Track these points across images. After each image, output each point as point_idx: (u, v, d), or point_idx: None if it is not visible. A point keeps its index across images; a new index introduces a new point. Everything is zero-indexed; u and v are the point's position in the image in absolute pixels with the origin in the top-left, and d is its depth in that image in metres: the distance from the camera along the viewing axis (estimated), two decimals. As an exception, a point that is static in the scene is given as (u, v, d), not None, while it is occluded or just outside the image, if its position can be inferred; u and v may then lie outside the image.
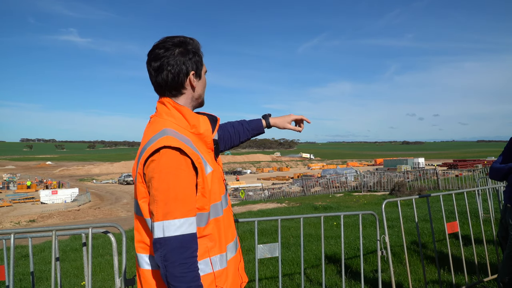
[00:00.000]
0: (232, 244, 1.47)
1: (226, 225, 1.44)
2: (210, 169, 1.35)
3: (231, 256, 1.46)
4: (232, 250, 1.47)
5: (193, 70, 1.41)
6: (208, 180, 1.33)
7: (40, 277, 6.10)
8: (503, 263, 3.07)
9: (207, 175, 1.33)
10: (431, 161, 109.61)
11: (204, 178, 1.31)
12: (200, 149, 1.37)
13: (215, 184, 1.37)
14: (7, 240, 2.62)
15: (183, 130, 1.38)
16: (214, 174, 1.37)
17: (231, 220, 1.50)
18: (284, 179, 67.46)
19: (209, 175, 1.34)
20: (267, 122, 1.88)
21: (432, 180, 17.85)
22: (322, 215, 3.50)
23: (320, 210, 12.30)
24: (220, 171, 1.49)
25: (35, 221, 26.83)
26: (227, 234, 1.44)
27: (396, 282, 3.98)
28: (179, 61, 1.37)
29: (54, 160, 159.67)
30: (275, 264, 5.21)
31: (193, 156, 1.28)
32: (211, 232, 1.36)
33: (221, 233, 1.39)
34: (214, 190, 1.36)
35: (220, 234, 1.39)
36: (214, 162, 1.45)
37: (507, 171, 3.03)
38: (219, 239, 1.38)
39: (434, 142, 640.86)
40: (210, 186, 1.34)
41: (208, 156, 1.41)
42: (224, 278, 1.38)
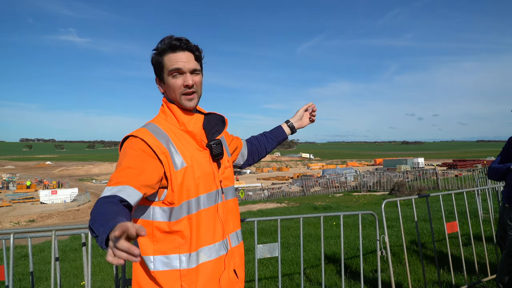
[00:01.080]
0: (211, 248, 1.41)
1: (205, 226, 1.40)
2: (182, 165, 1.37)
3: (207, 259, 1.40)
4: (210, 254, 1.40)
5: (157, 77, 1.50)
6: (177, 176, 1.35)
7: (40, 277, 6.10)
8: (502, 263, 3.07)
9: (178, 171, 1.35)
10: (430, 161, 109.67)
11: (172, 172, 1.35)
12: (182, 146, 1.41)
13: (189, 181, 1.37)
14: (6, 240, 2.62)
15: (171, 127, 1.45)
16: (188, 171, 1.37)
17: (220, 221, 1.46)
18: (283, 179, 67.46)
19: (181, 170, 1.36)
20: (291, 126, 1.99)
21: (431, 180, 17.86)
22: (321, 215, 3.50)
23: (319, 210, 12.30)
24: (206, 170, 1.44)
25: (34, 221, 26.83)
26: (205, 235, 1.40)
27: (396, 282, 3.98)
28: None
29: (53, 160, 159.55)
30: (274, 264, 5.21)
31: (157, 149, 1.34)
32: (182, 229, 1.36)
33: (193, 232, 1.37)
34: (187, 187, 1.37)
35: (191, 233, 1.37)
36: (204, 159, 1.46)
37: (505, 171, 3.04)
38: (191, 238, 1.37)
39: (434, 142, 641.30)
40: (180, 182, 1.35)
41: (197, 154, 1.44)
42: (192, 280, 1.36)
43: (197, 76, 1.46)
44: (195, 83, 1.44)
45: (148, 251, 1.37)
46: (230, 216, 1.53)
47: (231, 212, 1.53)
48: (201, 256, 1.39)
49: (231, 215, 1.54)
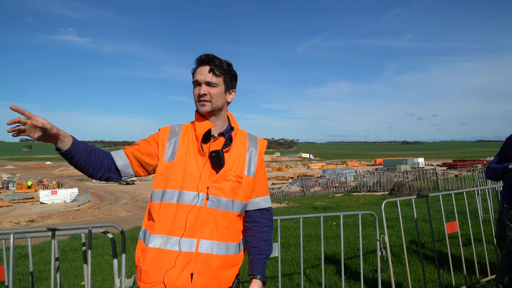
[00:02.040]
0: (162, 238, 1.53)
1: (166, 216, 1.55)
2: (170, 159, 1.61)
3: (155, 246, 1.53)
4: (159, 244, 1.52)
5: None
6: (162, 165, 1.61)
7: (40, 277, 6.10)
8: (501, 263, 3.07)
9: (164, 162, 1.61)
10: (430, 161, 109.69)
11: (161, 161, 1.62)
12: (186, 146, 1.64)
13: (173, 175, 1.58)
14: (6, 240, 2.63)
15: (190, 131, 1.69)
16: (172, 166, 1.59)
17: (178, 219, 1.53)
18: (283, 179, 67.48)
19: (167, 163, 1.60)
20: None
21: (431, 180, 17.86)
22: (321, 215, 3.50)
23: (319, 210, 12.30)
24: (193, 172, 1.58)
25: (34, 221, 26.81)
26: (163, 225, 1.54)
27: (396, 282, 3.98)
28: None
29: (53, 160, 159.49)
30: (274, 264, 5.21)
31: (161, 138, 1.66)
32: (153, 211, 1.58)
33: (159, 218, 1.56)
34: (166, 179, 1.58)
35: (157, 218, 1.56)
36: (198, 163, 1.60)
37: (503, 170, 3.04)
38: (156, 221, 1.56)
39: (434, 142, 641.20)
40: (161, 171, 1.60)
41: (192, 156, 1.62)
42: (144, 259, 1.56)
43: (213, 89, 1.63)
44: (209, 93, 1.63)
45: (144, 221, 1.67)
46: (210, 225, 1.55)
47: (213, 221, 1.56)
48: (152, 240, 1.55)
49: (212, 224, 1.55)
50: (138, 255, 1.60)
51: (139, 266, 1.57)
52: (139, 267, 1.57)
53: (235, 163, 1.65)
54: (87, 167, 1.54)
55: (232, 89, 1.73)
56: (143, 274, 1.54)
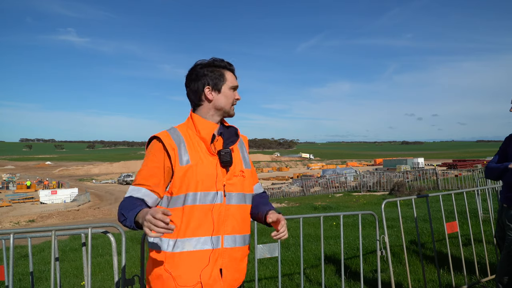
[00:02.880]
0: (195, 240, 1.58)
1: (194, 219, 1.58)
2: (187, 162, 1.61)
3: (189, 249, 1.57)
4: (194, 246, 1.57)
5: (209, 85, 1.72)
6: (181, 170, 1.59)
7: (40, 277, 6.10)
8: (501, 263, 3.07)
9: (182, 166, 1.60)
10: (430, 161, 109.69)
11: (177, 166, 1.60)
12: (193, 148, 1.65)
13: (191, 178, 1.59)
14: (6, 240, 2.62)
15: (190, 132, 1.70)
16: (192, 169, 1.60)
17: (215, 219, 1.61)
18: (283, 179, 67.47)
19: (185, 167, 1.60)
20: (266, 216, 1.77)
21: (431, 180, 17.86)
22: (321, 215, 3.50)
23: (319, 210, 12.30)
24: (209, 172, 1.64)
25: (34, 221, 26.80)
26: (193, 228, 1.58)
27: (396, 282, 3.98)
28: (197, 78, 1.73)
29: (53, 160, 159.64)
30: (274, 264, 5.21)
31: (168, 145, 1.62)
32: (175, 218, 1.57)
33: (183, 222, 1.58)
34: (188, 182, 1.59)
35: (182, 222, 1.58)
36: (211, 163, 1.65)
37: (502, 170, 3.04)
38: (180, 227, 1.57)
39: (434, 142, 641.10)
40: (181, 176, 1.59)
41: (204, 157, 1.65)
42: (173, 264, 1.56)
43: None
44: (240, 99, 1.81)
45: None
46: (230, 220, 1.66)
47: (232, 216, 1.66)
48: (185, 245, 1.56)
49: (232, 219, 1.66)
50: (160, 264, 1.57)
51: (167, 273, 1.56)
52: (167, 274, 1.55)
53: (236, 159, 1.75)
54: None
55: None
56: (177, 279, 1.55)
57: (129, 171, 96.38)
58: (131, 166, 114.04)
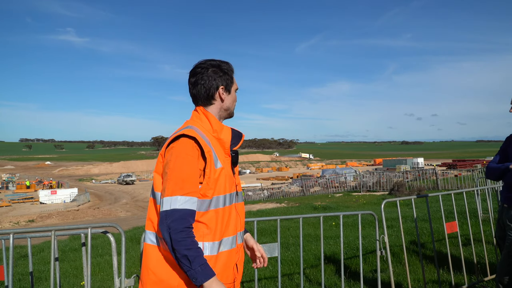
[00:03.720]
0: (229, 239, 1.65)
1: (226, 219, 1.63)
2: (220, 165, 1.62)
3: (225, 249, 1.63)
4: (227, 244, 1.64)
5: (223, 85, 1.75)
6: (216, 172, 1.59)
7: (39, 277, 6.10)
8: (501, 263, 3.07)
9: (217, 169, 1.60)
10: (430, 161, 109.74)
11: (212, 169, 1.59)
12: (216, 150, 1.66)
13: (222, 180, 1.62)
14: (6, 240, 2.63)
15: (206, 132, 1.69)
16: (223, 172, 1.63)
17: (234, 218, 1.69)
18: (283, 179, 67.47)
19: (218, 169, 1.61)
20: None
21: (431, 180, 17.88)
22: (321, 215, 3.50)
23: (319, 210, 12.31)
24: (230, 173, 1.71)
25: (34, 221, 26.82)
26: (226, 228, 1.63)
27: (395, 282, 3.98)
28: (211, 77, 1.73)
29: (53, 160, 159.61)
30: (274, 264, 5.21)
31: (205, 147, 1.58)
32: (209, 220, 1.58)
33: (218, 224, 1.60)
34: (220, 184, 1.61)
35: (217, 224, 1.59)
36: (228, 165, 1.71)
37: (503, 170, 3.04)
38: (215, 229, 1.59)
39: (433, 142, 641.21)
40: (216, 179, 1.59)
41: (224, 159, 1.69)
42: (212, 265, 1.55)
43: None
44: None
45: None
46: (241, 217, 1.77)
47: (241, 214, 1.78)
48: (222, 246, 1.61)
49: (241, 217, 1.78)
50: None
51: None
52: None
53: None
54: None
55: None
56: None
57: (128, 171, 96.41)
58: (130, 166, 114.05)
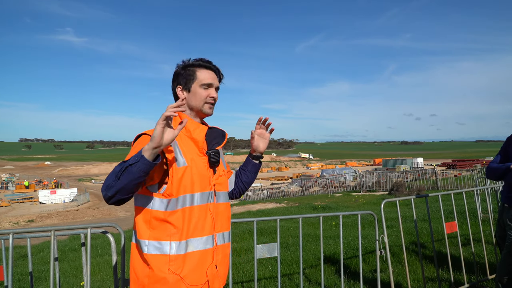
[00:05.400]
0: (202, 239, 1.64)
1: (196, 219, 1.63)
2: (184, 164, 1.62)
3: (196, 249, 1.62)
4: (200, 245, 1.63)
5: (179, 85, 1.77)
6: (178, 171, 1.60)
7: (39, 277, 6.10)
8: (501, 262, 3.08)
9: (180, 168, 1.60)
10: (430, 161, 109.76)
11: (174, 168, 1.60)
12: (186, 149, 1.67)
13: (188, 179, 1.61)
14: (5, 240, 2.62)
15: (180, 133, 1.70)
16: (188, 170, 1.62)
17: (210, 218, 1.68)
18: (283, 179, 67.46)
19: (182, 168, 1.61)
20: (252, 156, 2.07)
21: (431, 180, 17.88)
22: (321, 215, 3.50)
23: (319, 210, 12.30)
24: (203, 173, 1.69)
25: (33, 221, 26.78)
26: (195, 228, 1.63)
27: (395, 282, 3.98)
28: (173, 78, 1.80)
29: (52, 160, 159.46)
30: (274, 264, 5.21)
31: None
32: (176, 220, 1.59)
33: (185, 223, 1.60)
34: (185, 183, 1.61)
35: (183, 224, 1.60)
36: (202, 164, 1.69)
37: (504, 170, 3.04)
38: (182, 228, 1.59)
39: (433, 142, 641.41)
40: (179, 177, 1.60)
41: (197, 158, 1.68)
42: (179, 265, 1.58)
43: (216, 93, 1.79)
44: (215, 99, 1.79)
45: (144, 235, 1.61)
46: (220, 218, 1.74)
47: (221, 214, 1.75)
48: (189, 246, 1.61)
49: (221, 217, 1.75)
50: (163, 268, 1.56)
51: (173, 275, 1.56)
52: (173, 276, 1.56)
53: (220, 160, 1.83)
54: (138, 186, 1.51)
55: None
56: (186, 279, 1.58)
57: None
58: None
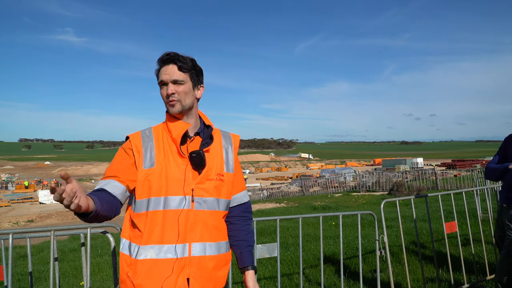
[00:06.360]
0: (157, 248, 1.48)
1: (156, 225, 1.50)
2: (151, 166, 1.54)
3: (145, 258, 1.48)
4: (154, 254, 1.48)
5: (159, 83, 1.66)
6: (143, 173, 1.53)
7: (39, 277, 6.09)
8: (501, 262, 3.08)
9: (145, 170, 1.54)
10: (429, 161, 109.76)
11: (140, 169, 1.54)
12: (163, 150, 1.58)
13: (155, 181, 1.51)
14: (5, 240, 2.62)
15: (164, 133, 1.64)
16: (154, 172, 1.53)
17: (169, 225, 1.50)
18: (283, 179, 67.47)
19: (148, 170, 1.53)
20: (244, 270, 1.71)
21: (430, 180, 17.88)
22: (320, 215, 3.50)
23: (318, 210, 12.30)
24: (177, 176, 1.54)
25: (33, 221, 26.78)
26: (155, 234, 1.49)
27: (395, 282, 3.98)
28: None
29: (52, 160, 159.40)
30: (274, 264, 5.21)
31: (135, 147, 1.58)
32: (139, 222, 1.52)
33: (146, 227, 1.50)
34: (154, 186, 1.51)
35: (145, 227, 1.50)
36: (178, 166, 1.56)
37: (503, 171, 3.04)
38: (143, 233, 1.51)
39: (433, 142, 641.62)
40: (142, 179, 1.53)
41: (171, 160, 1.56)
42: (134, 270, 1.49)
43: (181, 86, 1.59)
44: (177, 92, 1.58)
45: (125, 233, 1.59)
46: (199, 227, 1.54)
47: (202, 223, 1.55)
48: (148, 253, 1.49)
49: (201, 226, 1.55)
50: (125, 270, 1.53)
51: (129, 280, 1.50)
52: (129, 281, 1.50)
53: (214, 162, 1.64)
54: (107, 215, 1.46)
55: (200, 84, 1.69)
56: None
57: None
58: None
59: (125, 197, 1.57)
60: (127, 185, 1.55)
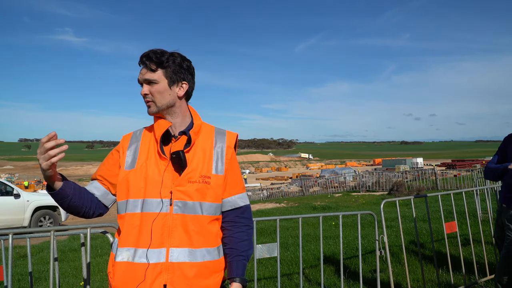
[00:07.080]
0: (128, 250, 1.43)
1: (130, 227, 1.44)
2: (131, 167, 1.51)
3: (121, 260, 1.43)
4: (125, 257, 1.43)
5: None
6: (122, 174, 1.51)
7: (39, 278, 6.09)
8: (500, 263, 3.08)
9: (125, 171, 1.51)
10: (429, 161, 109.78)
11: (121, 170, 1.52)
12: (147, 151, 1.53)
13: (133, 183, 1.47)
14: (5, 240, 2.62)
15: (151, 133, 1.59)
16: (132, 174, 1.49)
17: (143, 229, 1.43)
18: (282, 179, 67.46)
19: (127, 171, 1.50)
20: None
21: (430, 180, 17.89)
22: (320, 215, 3.50)
23: (318, 210, 12.30)
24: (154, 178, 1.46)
25: (33, 221, 26.76)
26: (128, 237, 1.44)
27: (395, 282, 3.98)
28: None
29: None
30: (273, 264, 5.21)
31: (120, 147, 1.58)
32: (121, 225, 1.50)
33: (124, 229, 1.47)
34: (127, 188, 1.48)
35: (122, 229, 1.48)
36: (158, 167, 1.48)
37: (502, 171, 3.04)
38: (122, 233, 1.49)
39: (433, 142, 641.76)
40: (120, 180, 1.51)
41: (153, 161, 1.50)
42: (114, 274, 1.46)
43: (154, 86, 1.50)
44: (150, 92, 1.51)
45: (117, 233, 1.58)
46: (178, 231, 1.44)
47: (182, 227, 1.44)
48: (122, 254, 1.45)
49: (180, 231, 1.44)
50: (109, 269, 1.50)
51: (110, 281, 1.47)
52: (110, 282, 1.47)
53: (199, 162, 1.51)
54: (81, 206, 1.51)
55: (181, 81, 1.54)
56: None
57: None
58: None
59: (109, 199, 1.59)
60: (107, 187, 1.58)
